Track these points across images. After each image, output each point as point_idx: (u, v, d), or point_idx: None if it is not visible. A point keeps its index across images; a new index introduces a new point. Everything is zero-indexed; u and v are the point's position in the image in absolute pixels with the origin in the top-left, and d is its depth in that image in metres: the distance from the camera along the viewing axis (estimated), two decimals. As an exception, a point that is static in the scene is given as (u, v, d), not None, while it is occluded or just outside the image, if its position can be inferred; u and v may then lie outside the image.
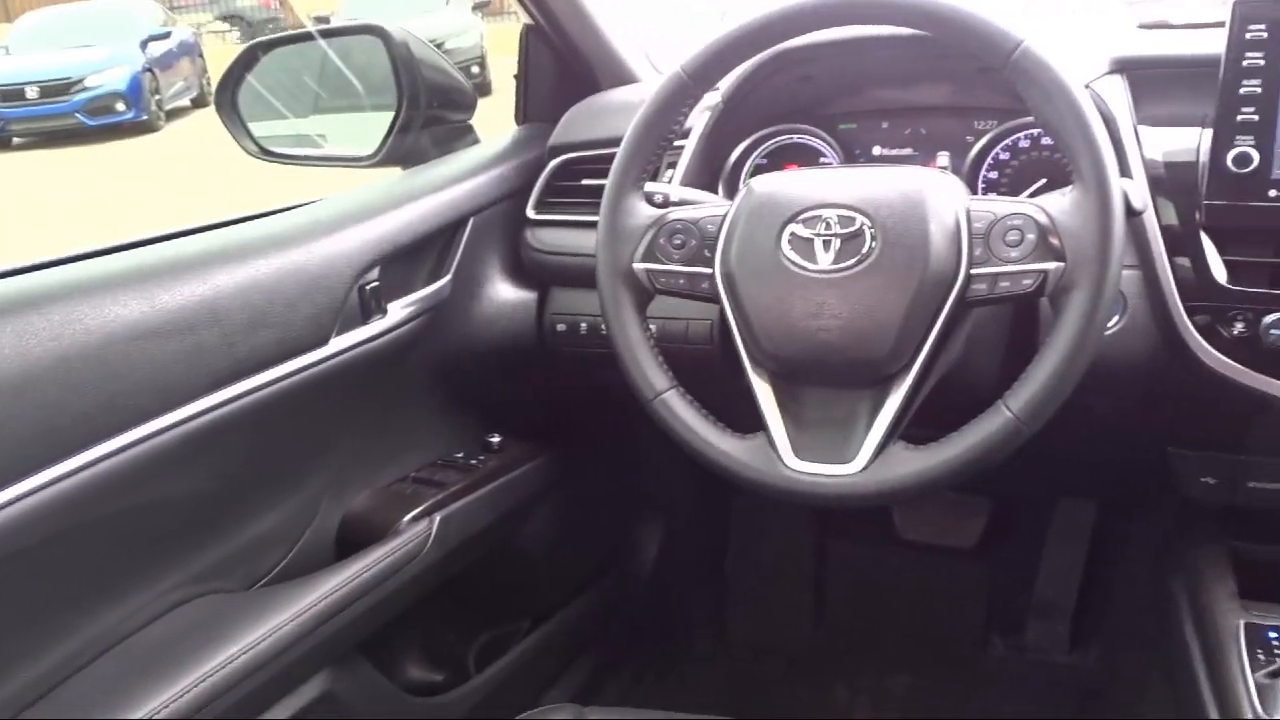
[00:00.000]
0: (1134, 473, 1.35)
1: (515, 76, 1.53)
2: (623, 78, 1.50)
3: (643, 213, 1.04)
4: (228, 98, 1.45)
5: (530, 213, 1.38)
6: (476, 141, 1.52)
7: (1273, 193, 0.99)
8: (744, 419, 1.00)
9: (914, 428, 0.96)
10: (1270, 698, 0.85)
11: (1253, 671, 0.89)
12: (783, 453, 0.95)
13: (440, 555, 1.22)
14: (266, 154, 1.49)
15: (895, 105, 1.31)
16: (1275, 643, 0.91)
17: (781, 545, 1.86)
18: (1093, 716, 1.55)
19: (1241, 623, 0.96)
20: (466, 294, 1.34)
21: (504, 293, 1.38)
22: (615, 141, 1.07)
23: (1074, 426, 1.04)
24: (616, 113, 1.31)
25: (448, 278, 1.30)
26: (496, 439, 1.40)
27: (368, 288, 1.17)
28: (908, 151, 1.31)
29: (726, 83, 1.27)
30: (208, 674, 0.96)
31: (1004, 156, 1.24)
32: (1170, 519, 1.23)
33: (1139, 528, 1.53)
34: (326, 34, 1.48)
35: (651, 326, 1.08)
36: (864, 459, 0.92)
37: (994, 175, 1.25)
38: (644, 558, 1.78)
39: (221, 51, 11.27)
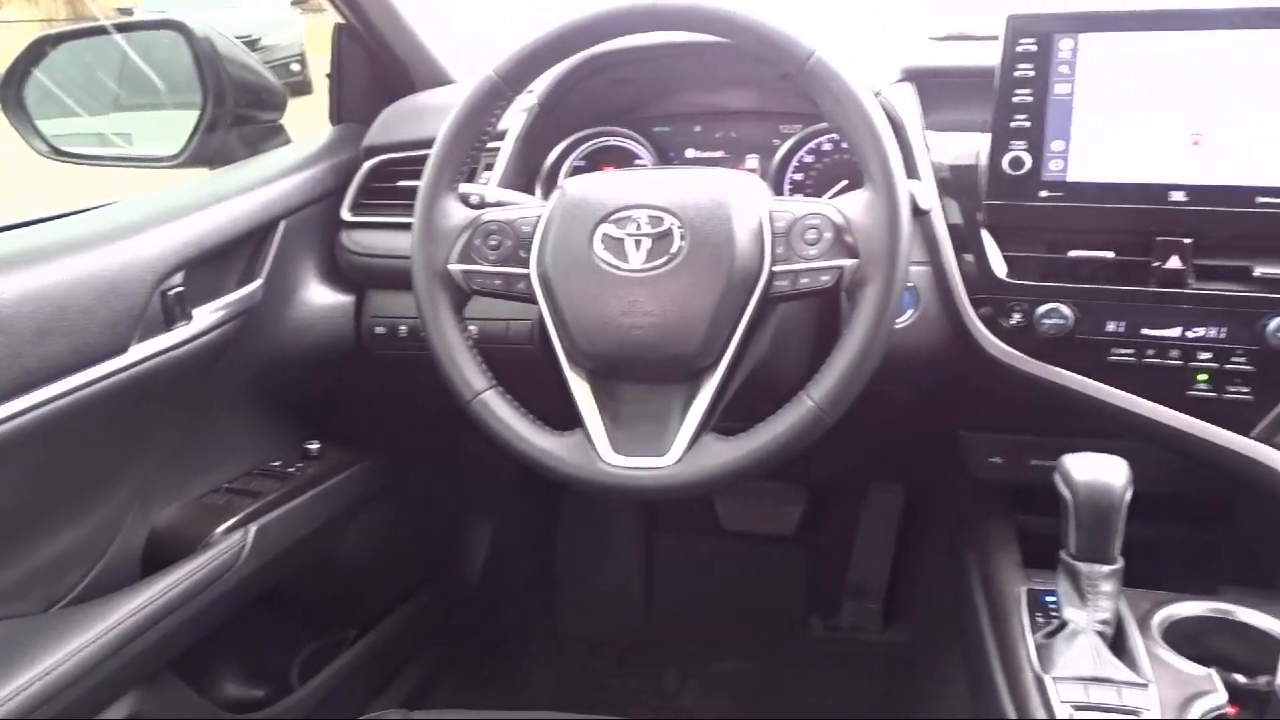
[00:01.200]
0: (933, 456, 1.43)
1: (328, 76, 1.51)
2: (438, 79, 1.49)
3: (458, 214, 1.05)
4: (13, 94, 1.37)
5: (345, 214, 1.36)
6: (288, 142, 1.48)
7: (1043, 193, 1.07)
8: (566, 417, 1.01)
9: (728, 420, 0.99)
10: (1047, 656, 0.92)
11: (1033, 633, 0.97)
12: (600, 448, 0.97)
13: (257, 566, 1.18)
14: (59, 154, 1.41)
15: (707, 109, 1.36)
16: (1052, 606, 0.99)
17: (610, 540, 1.89)
18: (902, 688, 1.64)
19: (1024, 589, 1.04)
20: (280, 298, 1.31)
21: (320, 296, 1.35)
22: (430, 143, 1.07)
23: (877, 413, 1.10)
24: (432, 114, 1.30)
25: (259, 282, 1.26)
26: (315, 446, 1.37)
27: (171, 293, 1.12)
28: (719, 154, 1.35)
29: (542, 85, 1.28)
30: None
31: (808, 159, 1.30)
32: (965, 498, 1.31)
33: (941, 508, 1.63)
34: (122, 28, 1.42)
35: (472, 328, 1.09)
36: (678, 451, 0.95)
37: (799, 177, 1.31)
38: (473, 560, 1.78)
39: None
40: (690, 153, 1.36)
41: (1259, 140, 1.02)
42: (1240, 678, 0.91)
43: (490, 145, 1.25)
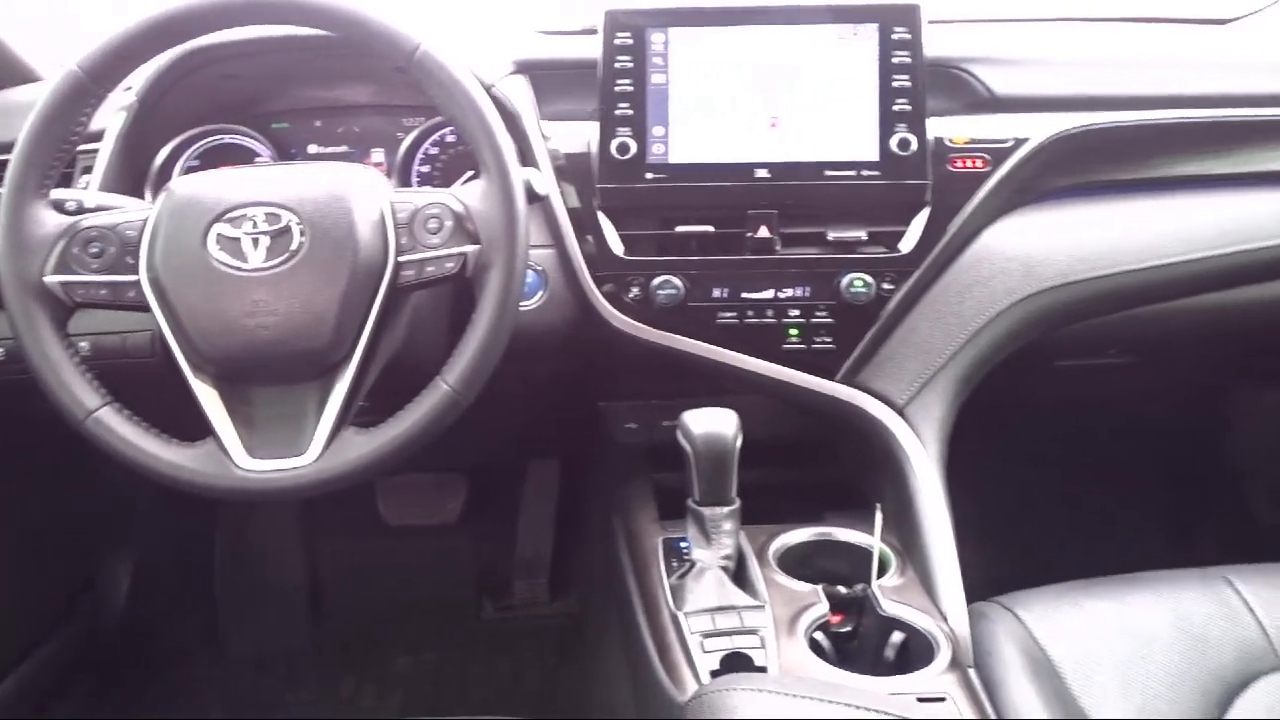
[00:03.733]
0: (580, 429, 1.51)
1: (-120, 74, 1.33)
2: (21, 76, 1.36)
3: (50, 222, 0.97)
4: None
5: None
6: None
7: (649, 175, 1.16)
8: (199, 427, 0.98)
9: (373, 414, 1.00)
10: (680, 594, 1.02)
11: (668, 576, 1.06)
12: (234, 454, 0.95)
13: None
14: None
15: (328, 104, 1.34)
16: (685, 550, 1.08)
17: (269, 552, 1.82)
18: (571, 654, 1.72)
19: (660, 539, 1.14)
20: None
21: None
22: (11, 146, 0.98)
23: (520, 393, 1.15)
24: (12, 114, 1.19)
25: None
26: None
27: None
28: (343, 149, 1.34)
29: (140, 81, 1.21)
30: None
31: (433, 151, 1.33)
32: (610, 464, 1.40)
33: (593, 477, 1.72)
34: None
35: (83, 344, 1.02)
36: (317, 449, 0.95)
37: (426, 169, 1.33)
38: (116, 590, 1.65)
39: None
40: (313, 149, 1.34)
41: (825, 121, 1.17)
42: (842, 589, 1.05)
43: (88, 147, 1.17)
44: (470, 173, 1.30)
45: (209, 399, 0.97)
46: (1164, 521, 1.88)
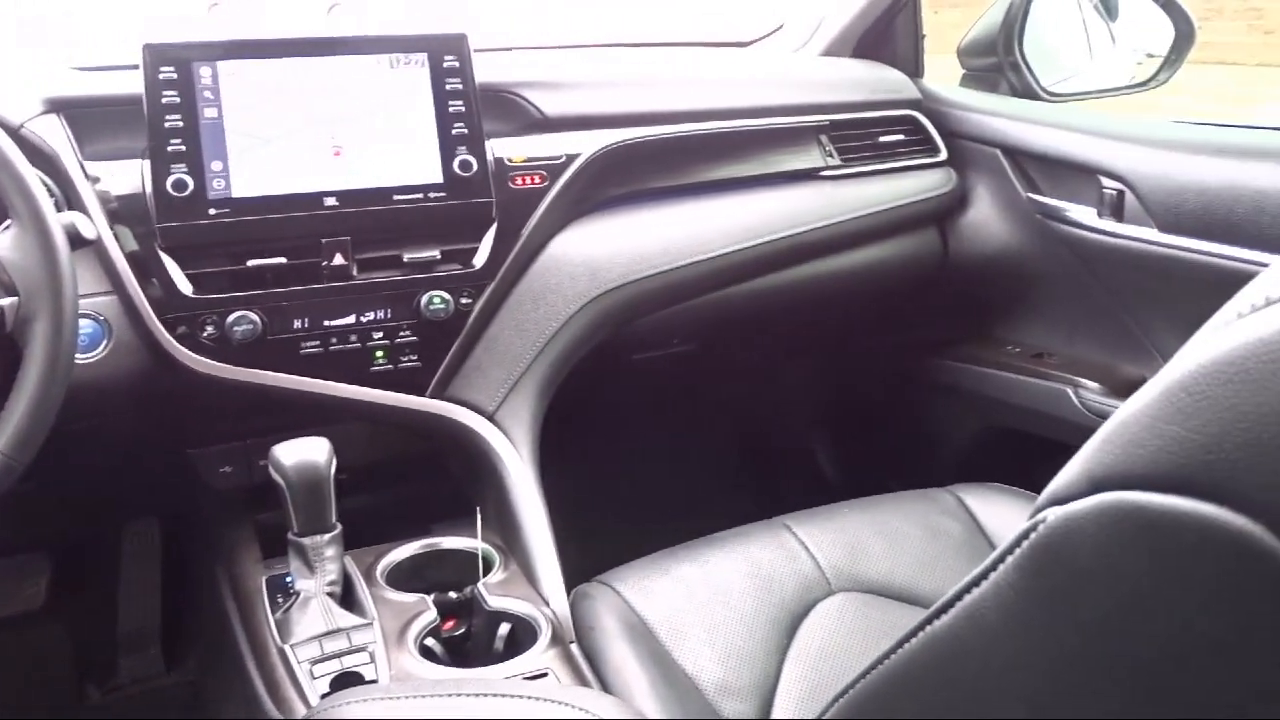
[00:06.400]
0: (173, 482, 1.43)
1: None
2: None
3: None
4: None
5: None
6: None
7: (212, 211, 1.13)
8: None
9: None
10: (285, 628, 1.01)
11: (273, 613, 1.04)
12: None
13: None
14: None
15: None
16: (290, 582, 1.07)
17: None
18: None
19: (264, 578, 1.11)
20: None
21: None
22: None
23: (95, 451, 1.07)
24: None
25: None
26: None
27: None
28: None
29: None
30: None
31: None
32: (209, 513, 1.34)
33: (195, 530, 1.63)
34: None
35: None
36: None
37: None
38: None
39: None
40: None
41: (388, 148, 1.20)
42: (452, 594, 1.09)
43: None
44: (8, 222, 1.20)
45: None
46: (751, 488, 2.10)
